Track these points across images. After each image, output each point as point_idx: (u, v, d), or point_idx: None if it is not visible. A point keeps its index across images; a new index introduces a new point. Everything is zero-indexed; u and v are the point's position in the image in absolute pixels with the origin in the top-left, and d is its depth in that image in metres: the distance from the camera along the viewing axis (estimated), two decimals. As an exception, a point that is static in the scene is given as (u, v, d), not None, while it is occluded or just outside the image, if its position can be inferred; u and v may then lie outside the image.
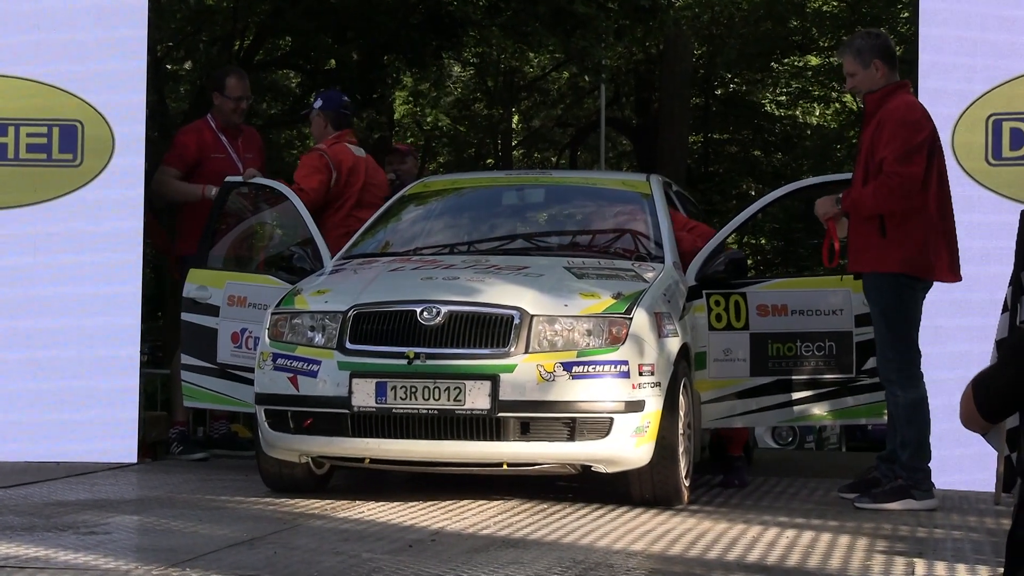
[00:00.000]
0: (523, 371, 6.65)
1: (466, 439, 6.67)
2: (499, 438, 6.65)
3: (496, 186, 8.87)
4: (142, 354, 9.12)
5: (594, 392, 6.69)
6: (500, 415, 6.62)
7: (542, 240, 8.17)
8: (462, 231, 8.31)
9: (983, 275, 7.69)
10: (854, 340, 7.64)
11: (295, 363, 6.90)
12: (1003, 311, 7.16)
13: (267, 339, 7.07)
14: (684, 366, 7.16)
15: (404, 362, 6.69)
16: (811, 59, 25.56)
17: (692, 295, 7.63)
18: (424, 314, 6.79)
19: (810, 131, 27.03)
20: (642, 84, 24.46)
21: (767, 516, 6.79)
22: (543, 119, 28.40)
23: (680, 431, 7.00)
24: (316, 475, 7.22)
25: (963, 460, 7.59)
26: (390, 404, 6.68)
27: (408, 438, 6.70)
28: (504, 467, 6.80)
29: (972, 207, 7.89)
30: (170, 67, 17.21)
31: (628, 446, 6.73)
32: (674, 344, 7.02)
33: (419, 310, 6.81)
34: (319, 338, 6.92)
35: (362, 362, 6.77)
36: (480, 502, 6.87)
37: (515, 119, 28.08)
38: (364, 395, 6.71)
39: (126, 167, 8.54)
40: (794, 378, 7.70)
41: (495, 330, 6.75)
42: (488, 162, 27.36)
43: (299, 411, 6.88)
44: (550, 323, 6.77)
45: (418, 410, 6.66)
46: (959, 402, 4.51)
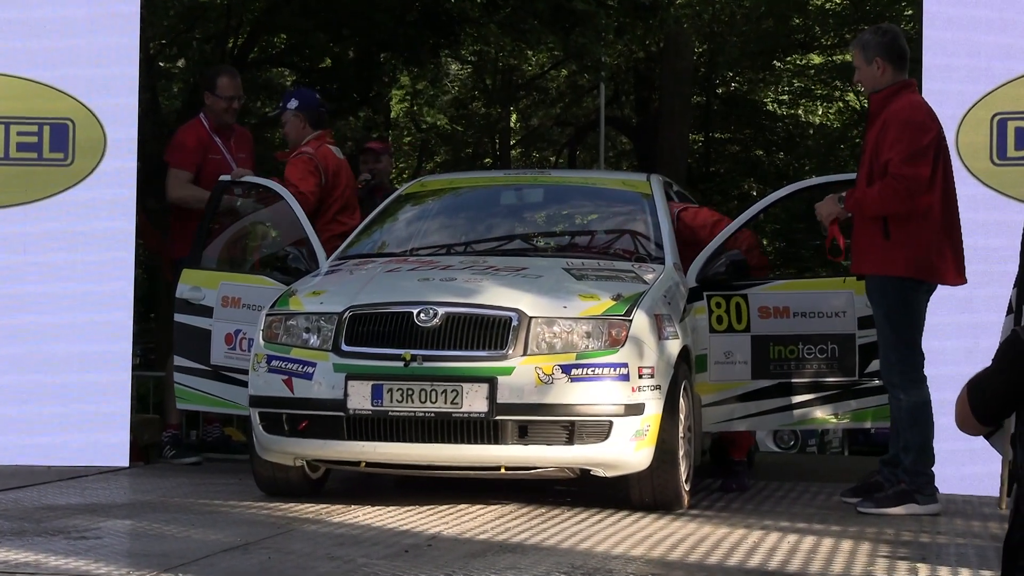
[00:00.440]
0: (521, 373, 6.61)
1: (463, 442, 6.63)
2: (497, 441, 6.61)
3: (494, 186, 8.85)
4: (134, 356, 9.06)
5: (593, 395, 6.64)
6: (498, 418, 6.59)
7: (541, 241, 8.13)
8: (459, 231, 8.27)
9: (986, 273, 7.64)
10: (857, 343, 7.61)
11: (290, 365, 6.86)
12: (1008, 313, 7.09)
13: (261, 341, 7.03)
14: (684, 369, 7.12)
15: (401, 364, 6.66)
16: (814, 57, 25.53)
17: (693, 296, 7.59)
18: (421, 315, 6.75)
19: (812, 131, 27.00)
20: (642, 82, 24.41)
21: (768, 521, 6.77)
22: (542, 118, 28.38)
23: (680, 435, 6.96)
24: (311, 479, 7.19)
25: (967, 462, 7.52)
26: (386, 407, 6.64)
27: (404, 441, 6.67)
28: (502, 471, 6.76)
29: (976, 207, 7.87)
30: (163, 65, 17.14)
31: (628, 450, 6.68)
32: (674, 346, 6.98)
33: (416, 311, 6.77)
34: (314, 340, 6.88)
35: (358, 364, 6.73)
36: (477, 506, 6.85)
37: (513, 118, 28.07)
38: (360, 398, 6.67)
39: (118, 167, 8.49)
40: (796, 381, 7.67)
41: (493, 332, 6.70)
42: (486, 161, 27.33)
43: (294, 414, 6.85)
44: (549, 325, 6.73)
45: (415, 413, 6.62)
46: (955, 405, 4.49)
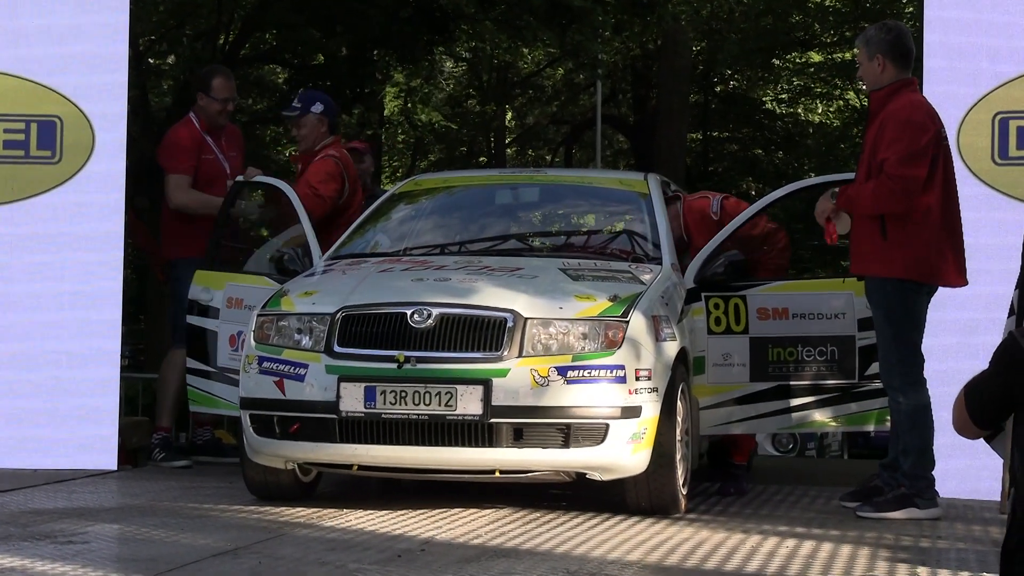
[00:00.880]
0: (516, 375, 6.57)
1: (457, 445, 6.60)
2: (491, 444, 6.58)
3: (489, 185, 8.82)
4: (122, 357, 9.00)
5: (589, 397, 6.61)
6: (492, 421, 6.55)
7: (536, 241, 8.09)
8: (454, 231, 8.25)
9: (986, 271, 7.60)
10: (857, 344, 7.58)
11: (281, 366, 6.83)
12: (1009, 315, 7.05)
13: (252, 342, 7.00)
14: (682, 371, 7.09)
15: (394, 366, 6.62)
16: (813, 55, 25.54)
17: (691, 297, 7.56)
18: (415, 316, 6.71)
19: (812, 129, 27.01)
20: (639, 80, 24.42)
21: (767, 525, 6.75)
22: (537, 116, 28.40)
23: (678, 438, 6.94)
24: (302, 482, 7.16)
25: (968, 465, 7.48)
26: (379, 409, 6.60)
27: (397, 444, 6.63)
28: (496, 474, 6.73)
29: (978, 206, 7.84)
30: (152, 61, 17.09)
31: (624, 453, 6.64)
32: (672, 348, 6.94)
33: (410, 312, 6.73)
34: (306, 341, 6.83)
35: (350, 366, 6.69)
36: (471, 510, 6.83)
37: (509, 116, 28.08)
38: (352, 400, 6.63)
39: (106, 165, 8.42)
40: (795, 383, 7.64)
41: (488, 333, 6.66)
42: (481, 160, 27.34)
43: (285, 416, 6.81)
44: (544, 326, 6.69)
45: (408, 415, 6.58)
46: (952, 410, 4.49)
